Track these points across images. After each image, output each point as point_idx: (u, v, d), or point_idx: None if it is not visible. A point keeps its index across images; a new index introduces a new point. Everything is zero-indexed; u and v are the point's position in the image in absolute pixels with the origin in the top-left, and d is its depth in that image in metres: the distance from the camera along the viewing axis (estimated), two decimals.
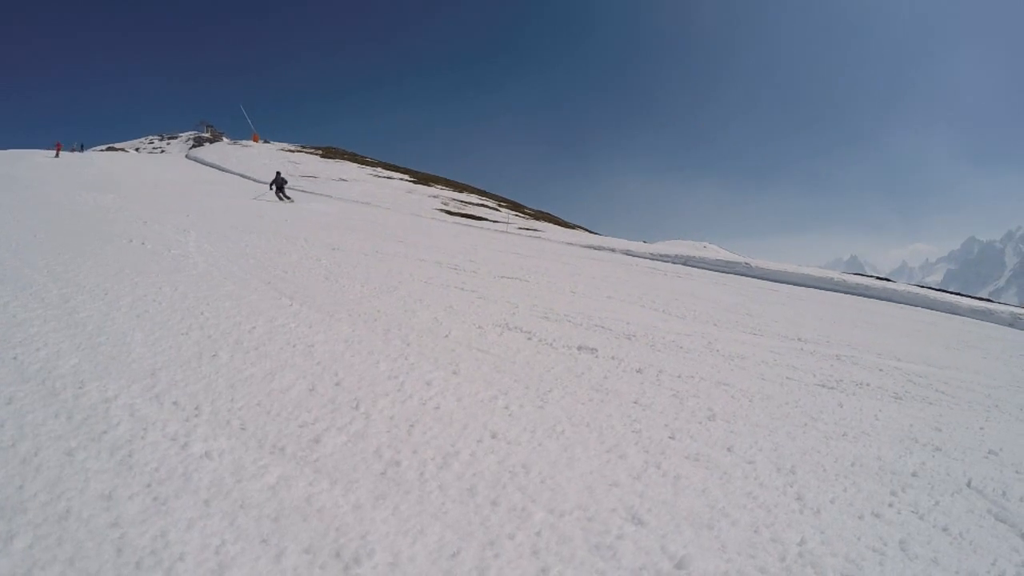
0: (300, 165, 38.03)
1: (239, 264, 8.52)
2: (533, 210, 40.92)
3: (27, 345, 4.56)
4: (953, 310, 13.45)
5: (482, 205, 34.62)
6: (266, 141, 54.57)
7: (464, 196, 37.33)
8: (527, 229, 24.68)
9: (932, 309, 13.50)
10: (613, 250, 18.68)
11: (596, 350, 5.96)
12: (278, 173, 23.38)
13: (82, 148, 45.19)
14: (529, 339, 6.21)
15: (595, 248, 19.28)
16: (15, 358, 4.29)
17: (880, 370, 6.51)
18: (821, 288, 14.76)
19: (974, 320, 12.63)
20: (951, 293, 17.05)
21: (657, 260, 17.27)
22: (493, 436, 3.75)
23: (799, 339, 7.73)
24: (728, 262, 17.13)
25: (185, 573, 2.30)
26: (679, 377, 5.41)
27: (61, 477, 2.85)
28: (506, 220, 27.16)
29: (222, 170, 34.74)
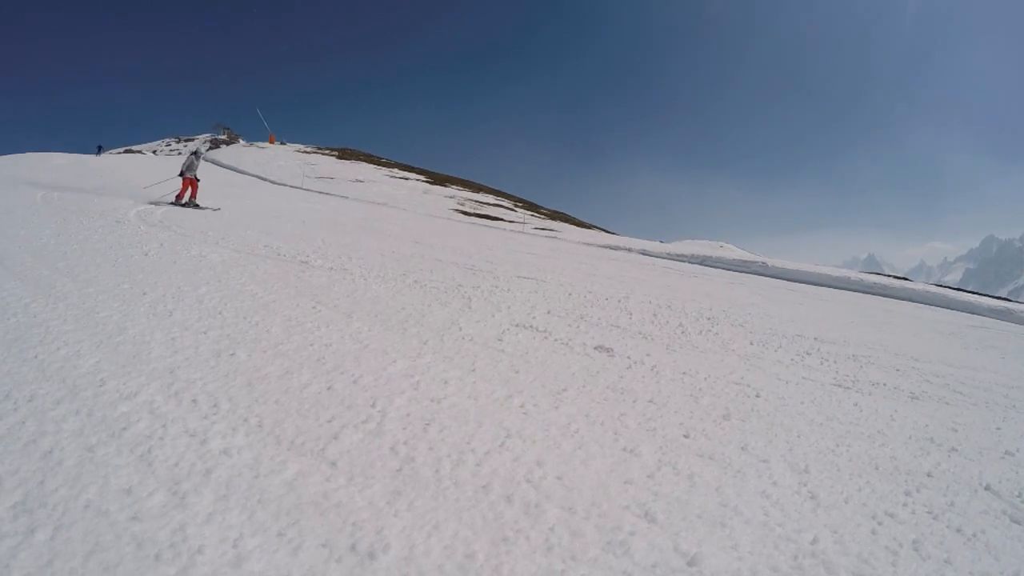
0: (317, 166, 38.24)
1: (261, 265, 8.61)
2: (549, 210, 40.86)
3: (48, 344, 4.65)
4: (972, 309, 13.30)
5: (498, 205, 34.64)
6: (282, 143, 54.71)
7: (480, 196, 37.37)
8: (543, 229, 24.67)
9: (950, 308, 13.35)
10: (629, 250, 18.63)
11: (612, 350, 5.96)
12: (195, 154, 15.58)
13: (99, 151, 45.18)
14: (546, 338, 6.22)
15: (612, 248, 19.23)
16: (36, 356, 4.38)
17: (897, 370, 6.46)
18: (838, 287, 14.64)
19: (993, 319, 12.46)
20: (970, 292, 16.85)
21: (674, 260, 17.22)
22: (508, 434, 3.77)
23: (816, 338, 7.68)
24: (745, 261, 17.04)
25: (203, 565, 2.34)
26: (695, 376, 5.40)
27: (82, 472, 2.91)
28: (522, 220, 27.19)
29: (239, 172, 35.02)
